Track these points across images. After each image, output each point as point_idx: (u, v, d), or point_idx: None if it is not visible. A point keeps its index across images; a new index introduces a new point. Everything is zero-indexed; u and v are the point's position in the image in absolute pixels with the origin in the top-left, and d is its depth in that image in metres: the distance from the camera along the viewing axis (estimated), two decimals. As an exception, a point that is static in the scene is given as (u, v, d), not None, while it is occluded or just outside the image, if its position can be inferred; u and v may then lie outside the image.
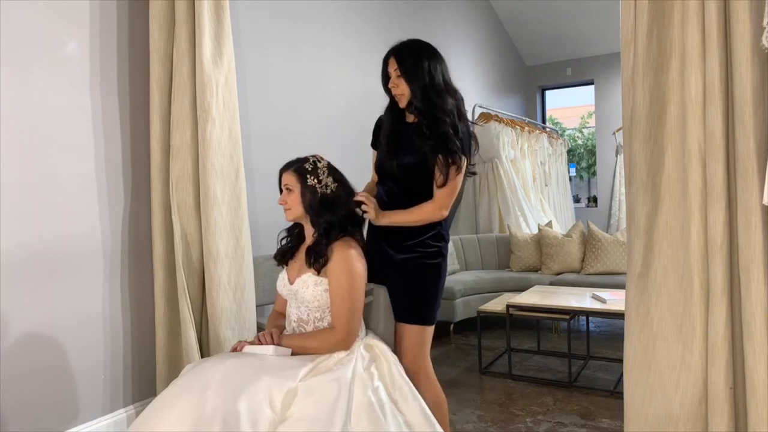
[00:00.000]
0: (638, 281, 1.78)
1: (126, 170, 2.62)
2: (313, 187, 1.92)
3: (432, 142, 1.97)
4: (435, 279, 2.07)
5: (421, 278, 2.05)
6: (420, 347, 2.07)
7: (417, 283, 2.05)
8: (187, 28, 2.60)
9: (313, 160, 1.97)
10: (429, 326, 2.08)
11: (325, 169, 1.96)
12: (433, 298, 2.07)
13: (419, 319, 2.06)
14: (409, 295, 2.05)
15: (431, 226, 2.05)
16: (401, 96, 2.04)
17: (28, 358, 2.27)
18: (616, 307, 3.30)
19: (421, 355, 2.08)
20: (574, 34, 7.39)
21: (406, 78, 2.01)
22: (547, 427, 2.77)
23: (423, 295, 2.06)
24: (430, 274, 2.06)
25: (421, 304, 2.06)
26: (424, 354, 2.09)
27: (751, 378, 1.55)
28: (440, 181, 1.98)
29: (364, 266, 1.93)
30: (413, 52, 2.03)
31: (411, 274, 2.04)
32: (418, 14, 5.24)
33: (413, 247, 2.04)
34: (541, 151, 6.80)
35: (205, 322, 2.69)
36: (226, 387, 1.59)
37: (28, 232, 2.27)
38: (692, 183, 1.65)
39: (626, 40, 1.78)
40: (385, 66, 2.08)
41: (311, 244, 1.94)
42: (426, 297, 2.06)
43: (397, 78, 2.03)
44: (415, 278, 2.05)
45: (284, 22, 3.71)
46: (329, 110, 4.10)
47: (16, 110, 2.24)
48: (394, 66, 2.03)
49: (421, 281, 2.05)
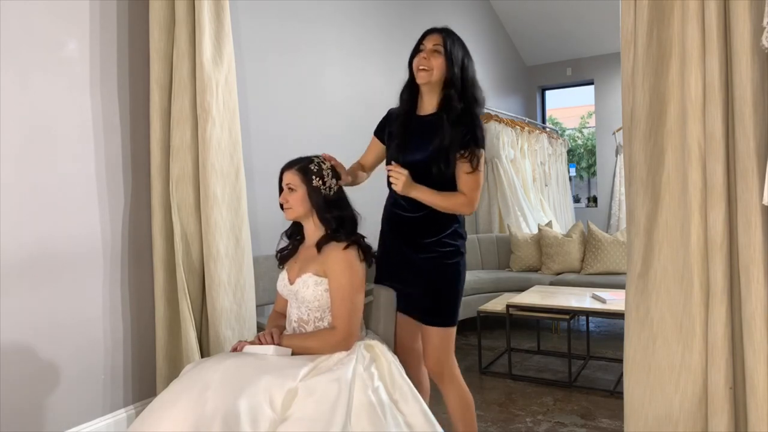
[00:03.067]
0: (638, 281, 1.78)
1: (126, 170, 2.62)
2: (318, 188, 1.92)
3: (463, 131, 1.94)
4: (454, 279, 2.04)
5: (439, 279, 2.02)
6: (442, 349, 2.05)
7: (436, 284, 2.02)
8: (187, 28, 2.60)
9: (318, 161, 1.97)
10: (450, 327, 2.05)
11: (329, 171, 1.96)
12: (453, 299, 2.05)
13: (439, 321, 2.03)
14: (429, 297, 2.03)
15: (448, 223, 2.02)
16: (427, 72, 1.98)
17: (28, 358, 2.27)
18: (616, 307, 3.30)
19: (444, 357, 2.06)
20: (574, 34, 7.38)
21: (449, 57, 1.96)
22: (547, 427, 2.78)
23: (442, 297, 2.03)
24: (449, 275, 2.03)
25: (441, 306, 2.03)
26: (447, 356, 2.06)
27: (751, 378, 1.55)
28: (467, 169, 1.95)
29: (364, 267, 1.93)
30: (459, 39, 2.02)
31: (430, 275, 2.02)
32: (419, 14, 5.24)
33: (432, 246, 2.01)
34: (541, 151, 6.80)
35: (205, 322, 2.69)
36: (226, 387, 1.59)
37: (27, 232, 2.27)
38: (692, 183, 1.65)
39: (626, 40, 1.78)
40: (421, 40, 2.03)
41: (324, 235, 1.94)
42: (446, 298, 2.03)
43: (433, 53, 1.97)
44: (434, 279, 2.02)
45: (284, 22, 3.71)
46: (329, 110, 4.10)
47: (16, 110, 2.24)
48: (437, 41, 1.98)
49: (439, 282, 2.02)
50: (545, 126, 7.85)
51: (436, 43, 1.98)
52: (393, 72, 4.81)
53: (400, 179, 1.92)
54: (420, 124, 2.04)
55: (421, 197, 1.96)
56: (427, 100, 2.06)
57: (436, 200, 1.97)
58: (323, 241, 1.93)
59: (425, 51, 1.99)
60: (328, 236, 1.94)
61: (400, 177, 1.92)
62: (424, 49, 2.00)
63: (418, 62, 2.00)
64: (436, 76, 1.99)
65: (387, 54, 4.78)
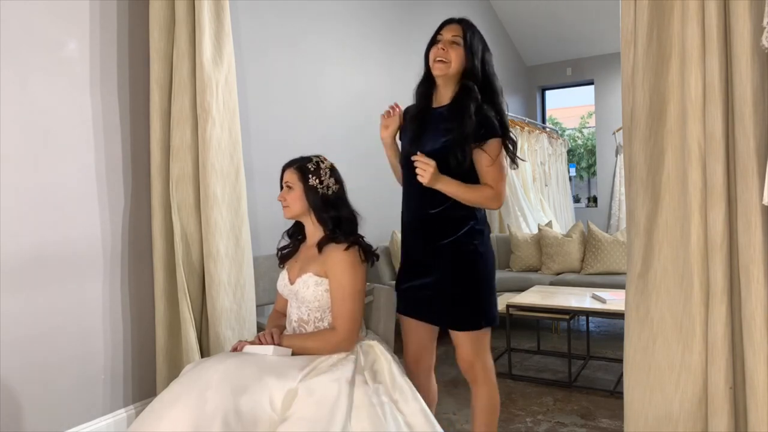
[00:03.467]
0: (638, 281, 1.78)
1: (126, 170, 2.62)
2: (314, 187, 1.92)
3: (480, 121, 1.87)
4: (475, 279, 1.94)
5: (460, 282, 1.93)
6: (474, 353, 1.97)
7: (457, 287, 1.93)
8: (187, 28, 2.60)
9: (317, 160, 1.97)
10: (477, 330, 1.95)
11: (327, 170, 1.96)
12: (474, 302, 1.94)
13: (462, 326, 1.95)
14: (448, 303, 1.94)
15: (464, 221, 1.93)
16: (444, 63, 1.90)
17: (28, 358, 2.27)
18: (616, 307, 3.29)
19: (475, 359, 1.98)
20: (574, 34, 7.39)
21: (469, 48, 1.90)
22: (547, 427, 2.77)
23: (462, 301, 1.94)
24: (469, 276, 1.93)
25: (463, 310, 1.94)
26: (478, 357, 1.98)
27: (751, 378, 1.55)
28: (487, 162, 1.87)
29: (365, 267, 1.93)
30: (479, 32, 1.96)
31: (450, 278, 1.93)
32: (418, 14, 5.24)
33: (448, 248, 1.93)
34: (541, 151, 6.80)
35: (205, 322, 2.69)
36: (226, 387, 1.59)
37: (27, 232, 2.27)
38: (692, 183, 1.65)
39: (626, 40, 1.78)
40: (438, 31, 1.95)
41: (324, 235, 1.93)
42: (467, 302, 1.94)
43: (452, 44, 1.90)
44: (454, 283, 1.93)
45: (284, 22, 3.71)
46: (330, 110, 4.10)
47: (16, 110, 2.23)
48: (456, 32, 1.91)
49: (461, 285, 1.93)
50: (545, 126, 7.85)
51: (455, 34, 1.90)
52: (393, 72, 4.81)
53: (427, 170, 1.81)
54: (434, 116, 1.97)
55: (446, 189, 1.87)
56: (443, 92, 1.98)
57: (462, 192, 1.87)
58: (323, 241, 1.93)
59: (443, 42, 1.91)
60: (327, 237, 1.93)
61: (428, 168, 1.82)
62: (441, 40, 1.92)
63: (435, 53, 1.91)
64: (454, 69, 1.91)
65: (387, 54, 4.78)
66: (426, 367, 2.12)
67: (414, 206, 2.00)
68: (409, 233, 2.04)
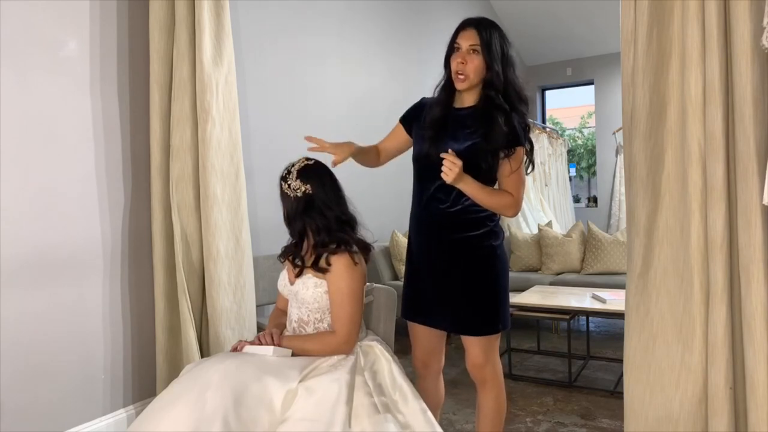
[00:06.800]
0: (638, 281, 1.78)
1: (126, 170, 2.62)
2: (286, 194, 1.92)
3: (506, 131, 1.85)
4: (491, 284, 1.92)
5: (474, 286, 1.92)
6: (484, 357, 1.96)
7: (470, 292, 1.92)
8: (187, 28, 2.60)
9: (289, 165, 1.96)
10: (488, 335, 1.94)
11: (295, 172, 1.91)
12: (492, 306, 1.92)
13: (478, 331, 1.94)
14: (463, 306, 1.93)
15: (483, 222, 1.92)
16: (465, 77, 1.86)
17: (29, 358, 2.27)
18: (616, 307, 3.29)
19: (486, 364, 1.97)
20: (574, 34, 7.38)
21: (489, 54, 1.84)
22: (547, 427, 2.77)
23: (479, 305, 1.92)
24: (485, 280, 1.92)
25: (479, 314, 1.92)
26: (489, 362, 1.97)
27: (751, 378, 1.55)
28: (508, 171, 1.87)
29: (363, 269, 1.93)
30: (495, 28, 1.89)
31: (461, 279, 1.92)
32: (419, 14, 5.24)
33: (463, 245, 1.91)
34: (541, 151, 6.80)
35: (205, 322, 2.69)
36: (226, 387, 1.59)
37: (27, 232, 2.27)
38: (692, 183, 1.65)
39: (626, 40, 1.78)
40: (455, 36, 1.91)
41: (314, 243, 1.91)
42: (485, 305, 1.92)
43: (470, 53, 1.86)
44: (468, 286, 1.92)
45: (284, 22, 3.71)
46: (330, 110, 4.10)
47: (16, 110, 2.23)
48: (473, 41, 1.86)
49: (475, 290, 1.92)
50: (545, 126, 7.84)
51: (473, 43, 1.86)
52: (393, 72, 4.81)
53: (453, 169, 1.78)
54: (456, 118, 1.94)
55: (467, 190, 1.84)
56: (465, 96, 1.95)
57: (483, 195, 1.86)
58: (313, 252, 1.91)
59: (461, 53, 1.87)
60: (315, 246, 1.90)
61: (454, 167, 1.79)
62: (459, 49, 1.88)
63: (456, 68, 1.88)
64: (474, 81, 1.88)
65: (387, 54, 4.78)
66: (435, 371, 2.12)
67: (430, 203, 1.95)
68: (422, 232, 2.00)
